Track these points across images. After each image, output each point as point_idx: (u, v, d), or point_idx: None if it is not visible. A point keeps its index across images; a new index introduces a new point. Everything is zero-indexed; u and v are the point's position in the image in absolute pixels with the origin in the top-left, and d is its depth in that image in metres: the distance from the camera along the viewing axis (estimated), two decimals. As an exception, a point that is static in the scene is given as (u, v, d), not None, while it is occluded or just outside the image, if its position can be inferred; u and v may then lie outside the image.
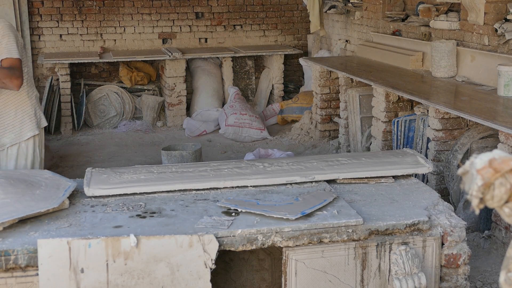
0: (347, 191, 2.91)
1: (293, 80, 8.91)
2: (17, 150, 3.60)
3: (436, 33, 5.67)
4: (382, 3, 6.59)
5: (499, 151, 1.45)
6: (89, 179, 2.94)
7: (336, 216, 2.57)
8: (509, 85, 4.48)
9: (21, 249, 2.34)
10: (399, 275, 2.57)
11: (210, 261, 2.39)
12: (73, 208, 2.72)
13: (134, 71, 8.20)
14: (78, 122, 7.86)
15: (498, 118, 3.94)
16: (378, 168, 3.09)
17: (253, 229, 2.47)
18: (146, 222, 2.54)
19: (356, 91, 5.98)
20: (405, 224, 2.60)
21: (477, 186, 1.41)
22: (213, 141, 7.28)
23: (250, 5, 8.73)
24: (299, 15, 8.85)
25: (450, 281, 2.71)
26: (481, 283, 3.70)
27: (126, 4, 8.34)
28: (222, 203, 2.71)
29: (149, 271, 2.37)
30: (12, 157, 3.59)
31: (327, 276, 2.54)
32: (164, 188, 2.89)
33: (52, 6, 8.13)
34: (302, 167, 3.10)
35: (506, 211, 1.45)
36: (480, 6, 4.97)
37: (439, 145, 4.61)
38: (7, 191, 2.62)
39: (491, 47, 4.95)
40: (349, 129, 6.20)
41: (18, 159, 3.60)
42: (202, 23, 8.63)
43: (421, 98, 4.62)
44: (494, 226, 4.00)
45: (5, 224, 2.45)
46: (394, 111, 5.35)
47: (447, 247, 2.67)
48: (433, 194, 2.91)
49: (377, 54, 6.41)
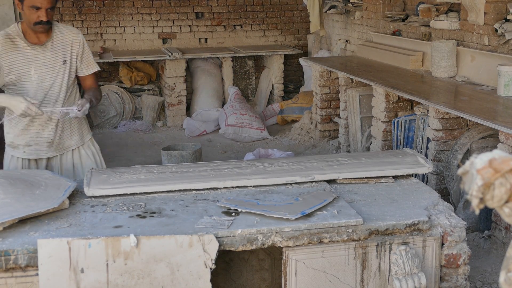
0: (347, 191, 2.91)
1: (293, 80, 8.91)
2: (80, 152, 3.63)
3: (436, 33, 5.67)
4: (382, 3, 6.59)
5: (499, 151, 1.45)
6: (89, 179, 2.94)
7: (336, 216, 2.57)
8: (509, 85, 4.48)
9: (21, 249, 2.34)
10: (399, 275, 2.57)
11: (210, 261, 2.39)
12: (73, 208, 2.72)
13: (134, 71, 8.20)
14: (78, 122, 7.85)
15: (498, 118, 3.94)
16: (378, 168, 3.09)
17: (253, 229, 2.47)
18: (146, 222, 2.55)
19: (356, 91, 5.98)
20: (405, 224, 2.60)
21: (477, 186, 1.41)
22: (213, 141, 7.28)
23: (250, 5, 8.73)
24: (299, 15, 8.85)
25: (450, 281, 2.71)
26: (481, 283, 3.70)
27: (126, 4, 8.34)
28: (222, 203, 2.71)
29: (149, 271, 2.37)
30: (78, 159, 3.61)
31: (327, 276, 2.54)
32: (164, 188, 2.89)
33: (52, 6, 8.12)
34: (302, 167, 3.10)
35: (506, 211, 1.45)
36: (480, 6, 4.97)
37: (439, 145, 4.61)
38: (7, 191, 2.62)
39: (491, 47, 4.95)
40: (349, 129, 6.20)
41: (82, 161, 3.63)
42: (202, 23, 8.63)
43: (421, 98, 4.62)
44: (494, 226, 4.00)
45: (5, 224, 2.45)
46: (394, 111, 5.35)
47: (447, 247, 2.67)
48: (433, 194, 2.91)
49: (377, 54, 6.41)
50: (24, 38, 3.35)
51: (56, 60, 3.42)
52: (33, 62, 3.37)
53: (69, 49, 3.47)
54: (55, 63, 3.42)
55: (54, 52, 3.41)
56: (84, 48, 3.53)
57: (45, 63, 3.39)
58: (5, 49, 3.31)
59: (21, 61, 3.35)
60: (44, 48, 3.39)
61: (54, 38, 3.42)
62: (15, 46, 3.33)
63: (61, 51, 3.44)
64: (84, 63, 3.55)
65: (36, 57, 3.37)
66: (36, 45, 3.37)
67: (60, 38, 3.44)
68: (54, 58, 3.42)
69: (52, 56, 3.41)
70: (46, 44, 3.39)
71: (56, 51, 3.42)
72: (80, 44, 3.51)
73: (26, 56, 3.35)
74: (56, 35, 3.43)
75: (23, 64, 3.35)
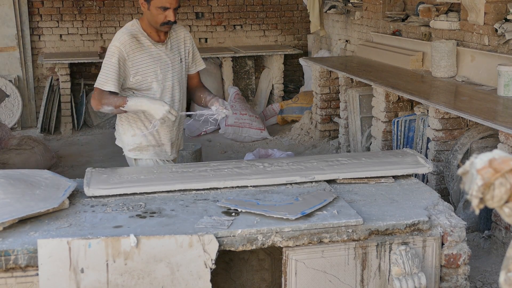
0: (347, 191, 2.91)
1: (293, 80, 8.91)
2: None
3: (436, 33, 5.67)
4: (382, 3, 6.59)
5: (499, 151, 1.45)
6: (89, 179, 2.94)
7: (336, 216, 2.57)
8: (509, 85, 4.48)
9: (21, 249, 2.34)
10: (399, 275, 2.57)
11: (210, 261, 2.39)
12: (73, 208, 2.72)
13: (134, 71, 8.20)
14: (78, 122, 7.86)
15: (498, 118, 3.94)
16: (378, 168, 3.09)
17: (253, 229, 2.47)
18: (146, 222, 2.54)
19: (356, 91, 5.98)
20: (405, 224, 2.60)
21: (477, 186, 1.41)
22: (213, 141, 7.28)
23: (250, 5, 8.73)
24: (299, 15, 8.85)
25: (450, 281, 2.71)
26: (481, 283, 3.70)
27: (126, 4, 8.34)
28: (222, 203, 2.71)
29: (149, 271, 2.37)
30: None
31: (327, 276, 2.54)
32: (164, 188, 2.89)
33: (52, 6, 8.13)
34: (302, 167, 3.10)
35: (506, 211, 1.45)
36: (480, 6, 4.97)
37: (439, 145, 4.61)
38: (7, 191, 2.61)
39: (491, 47, 4.95)
40: (349, 129, 6.20)
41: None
42: (202, 23, 8.63)
43: (421, 98, 4.62)
44: (494, 226, 4.00)
45: (5, 224, 2.45)
46: (394, 111, 5.35)
47: (447, 247, 2.67)
48: (433, 194, 2.91)
49: (377, 54, 6.41)
50: (148, 36, 3.25)
51: (174, 59, 3.34)
52: (158, 61, 3.26)
53: (182, 47, 3.40)
54: (175, 61, 3.34)
55: (172, 50, 3.34)
56: (193, 44, 3.46)
57: (167, 62, 3.30)
58: (132, 49, 3.19)
59: (147, 61, 3.24)
60: (166, 47, 3.30)
61: (171, 36, 3.34)
62: (140, 45, 3.22)
63: (177, 49, 3.37)
64: (194, 60, 3.47)
65: (160, 56, 3.28)
66: (158, 43, 3.28)
67: (174, 36, 3.36)
68: (173, 56, 3.34)
69: (172, 54, 3.33)
70: (166, 42, 3.31)
71: (173, 49, 3.34)
72: (190, 40, 3.43)
73: (151, 55, 3.25)
74: (171, 33, 3.35)
75: (149, 63, 3.24)
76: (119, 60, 3.16)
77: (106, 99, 3.15)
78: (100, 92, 3.17)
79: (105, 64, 3.19)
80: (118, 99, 3.14)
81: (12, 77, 7.82)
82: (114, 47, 3.18)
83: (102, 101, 3.15)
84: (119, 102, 3.13)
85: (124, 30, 3.23)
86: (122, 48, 3.17)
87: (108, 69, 3.16)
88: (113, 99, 3.14)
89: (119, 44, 3.18)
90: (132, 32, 3.22)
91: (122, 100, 3.13)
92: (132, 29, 3.23)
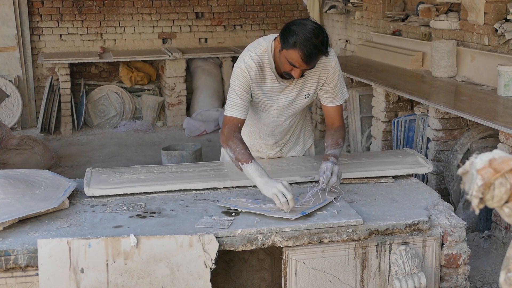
0: (347, 191, 2.91)
1: (293, 80, 8.91)
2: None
3: (436, 33, 5.67)
4: (382, 3, 6.59)
5: (499, 151, 1.46)
6: (89, 179, 2.94)
7: (336, 216, 2.57)
8: (509, 85, 4.48)
9: (21, 249, 2.34)
10: (399, 275, 2.57)
11: (210, 261, 2.40)
12: (73, 208, 2.72)
13: (134, 71, 8.20)
14: (78, 122, 7.87)
15: (498, 118, 3.94)
16: (378, 168, 3.09)
17: (253, 229, 2.47)
18: (146, 222, 2.54)
19: (356, 91, 5.98)
20: (405, 224, 2.60)
21: (477, 186, 1.41)
22: (213, 141, 7.28)
23: (250, 5, 8.73)
24: (299, 15, 8.85)
25: (450, 281, 2.71)
26: (481, 283, 3.70)
27: (126, 4, 8.34)
28: (222, 203, 2.71)
29: (149, 271, 2.37)
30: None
31: (327, 276, 2.54)
32: (164, 188, 2.89)
33: (52, 6, 8.13)
34: (302, 167, 3.10)
35: (506, 211, 1.45)
36: (480, 6, 4.97)
37: (439, 145, 4.61)
38: (7, 191, 2.61)
39: (491, 47, 4.95)
40: (349, 129, 6.20)
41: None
42: (202, 23, 8.63)
43: (421, 98, 4.62)
44: (494, 226, 4.00)
45: (5, 224, 2.45)
46: (394, 111, 5.35)
47: (447, 247, 2.67)
48: (433, 194, 2.91)
49: (377, 54, 6.41)
50: (275, 70, 2.89)
51: (300, 94, 2.97)
52: (276, 98, 2.95)
53: (315, 80, 2.95)
54: (299, 97, 2.98)
55: (300, 85, 2.95)
56: (334, 75, 2.95)
57: (288, 97, 2.96)
58: (255, 80, 2.88)
59: (266, 95, 2.94)
60: (293, 83, 2.94)
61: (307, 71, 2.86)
62: (264, 78, 2.90)
63: (308, 83, 2.95)
64: (332, 93, 3.00)
65: (281, 92, 2.94)
66: (284, 79, 2.91)
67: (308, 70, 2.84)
68: (299, 91, 2.96)
69: (298, 90, 2.95)
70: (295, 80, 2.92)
71: (302, 83, 2.95)
72: (327, 74, 2.94)
73: (272, 90, 2.93)
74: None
75: (267, 99, 2.95)
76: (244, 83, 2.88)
77: (234, 144, 2.81)
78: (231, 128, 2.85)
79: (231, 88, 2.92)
80: (243, 154, 2.76)
81: (12, 77, 7.83)
82: (239, 69, 2.90)
83: (228, 142, 2.83)
84: (240, 158, 2.76)
85: (254, 56, 2.89)
86: (247, 71, 2.88)
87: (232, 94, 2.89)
88: (240, 151, 2.78)
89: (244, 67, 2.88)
90: (260, 61, 2.89)
91: (245, 158, 2.75)
92: (263, 57, 2.89)
